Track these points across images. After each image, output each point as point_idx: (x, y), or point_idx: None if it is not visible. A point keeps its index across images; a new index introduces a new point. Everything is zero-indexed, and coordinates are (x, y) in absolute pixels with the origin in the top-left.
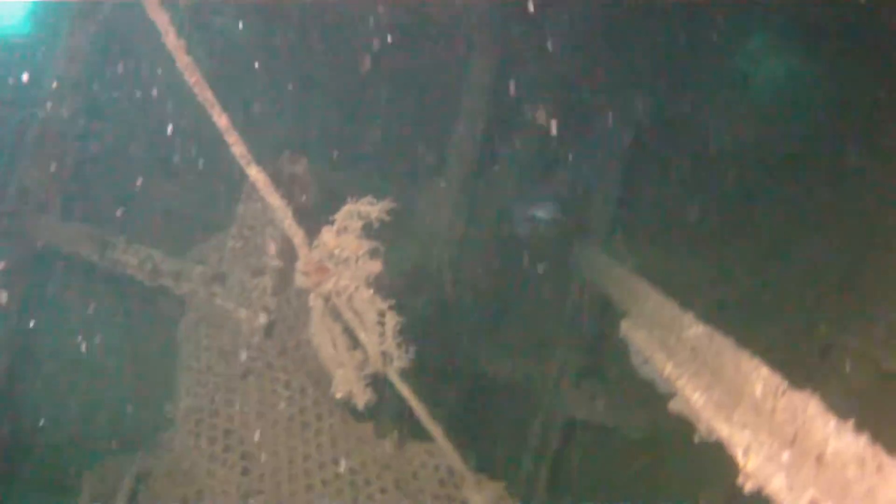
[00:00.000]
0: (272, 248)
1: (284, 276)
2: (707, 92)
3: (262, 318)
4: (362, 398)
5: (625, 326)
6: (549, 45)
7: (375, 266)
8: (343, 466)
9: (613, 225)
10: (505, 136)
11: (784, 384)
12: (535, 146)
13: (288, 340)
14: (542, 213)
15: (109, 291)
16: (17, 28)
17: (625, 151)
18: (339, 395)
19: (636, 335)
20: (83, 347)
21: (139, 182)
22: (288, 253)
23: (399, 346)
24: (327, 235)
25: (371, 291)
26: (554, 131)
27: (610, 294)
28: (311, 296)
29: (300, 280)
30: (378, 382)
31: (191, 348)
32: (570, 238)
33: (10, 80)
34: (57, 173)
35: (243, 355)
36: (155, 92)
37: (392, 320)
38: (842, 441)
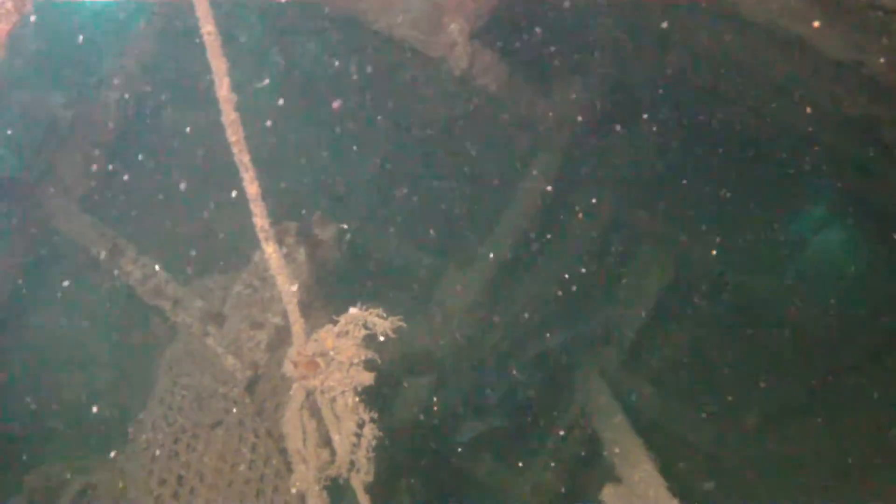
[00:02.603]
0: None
1: (282, 338)
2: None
3: (248, 372)
4: (315, 500)
5: (606, 493)
6: (610, 171)
7: (367, 377)
8: None
9: (627, 364)
10: (549, 242)
11: None
12: (573, 262)
13: (268, 402)
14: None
15: (108, 293)
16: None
17: (658, 297)
18: (293, 490)
19: None
20: (67, 340)
21: (169, 194)
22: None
23: (369, 460)
24: (326, 334)
25: (356, 399)
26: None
27: (604, 437)
28: (294, 385)
29: (288, 368)
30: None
31: (168, 381)
32: (582, 363)
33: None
34: (89, 161)
35: (219, 404)
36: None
37: (371, 433)
38: None
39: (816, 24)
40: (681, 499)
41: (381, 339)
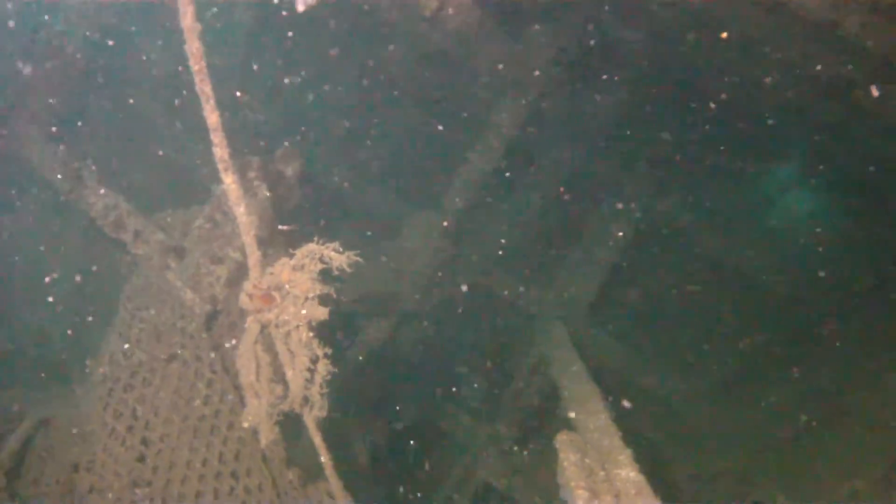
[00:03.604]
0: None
1: (242, 274)
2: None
3: (207, 307)
4: (267, 435)
5: (560, 440)
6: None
7: (322, 312)
8: (240, 483)
9: (591, 312)
10: (512, 184)
11: None
12: (537, 204)
13: (225, 339)
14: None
15: (73, 222)
16: None
17: (623, 244)
18: (245, 425)
19: (568, 455)
20: (29, 270)
21: (135, 129)
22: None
23: (322, 396)
24: (282, 267)
25: (311, 335)
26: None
27: (561, 385)
28: (249, 318)
29: (243, 300)
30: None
31: (127, 315)
32: (545, 308)
33: None
34: (55, 90)
35: (176, 338)
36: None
37: (324, 369)
38: None
39: None
40: (634, 449)
41: (336, 273)
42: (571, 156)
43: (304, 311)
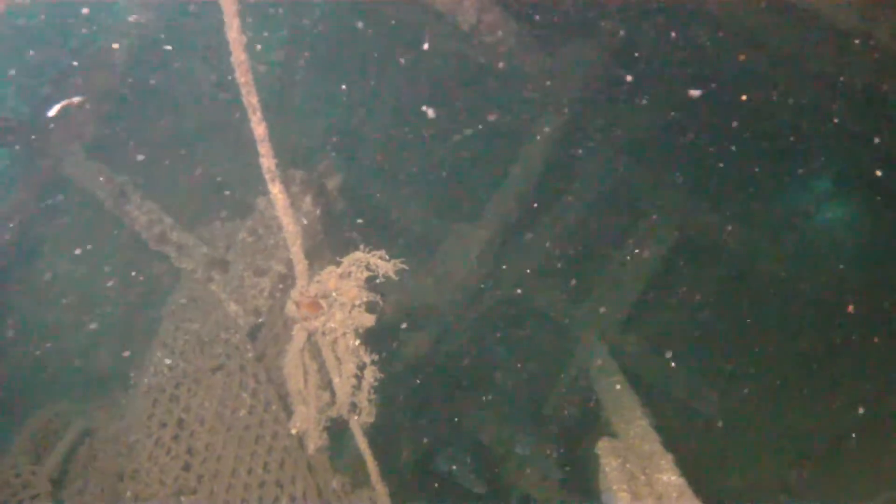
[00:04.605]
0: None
1: (285, 286)
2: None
3: (251, 319)
4: (315, 441)
5: (601, 446)
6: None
7: (369, 319)
8: (284, 492)
9: (630, 326)
10: (553, 204)
11: None
12: (576, 217)
13: (269, 349)
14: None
15: (115, 237)
16: None
17: (662, 254)
18: (293, 431)
19: (609, 460)
20: (73, 285)
21: (178, 142)
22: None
23: (370, 402)
24: (329, 275)
25: (357, 342)
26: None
27: (601, 398)
28: (296, 326)
29: (290, 308)
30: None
31: (171, 326)
32: (584, 324)
33: None
34: (98, 106)
35: (220, 349)
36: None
37: (371, 375)
38: None
39: None
40: (675, 456)
41: (381, 280)
42: (610, 169)
43: (350, 319)
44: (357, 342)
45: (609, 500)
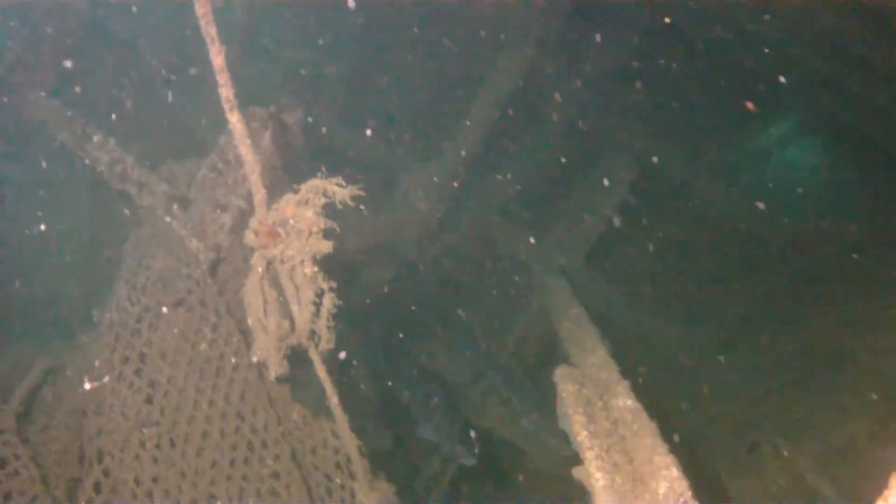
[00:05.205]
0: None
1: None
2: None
3: (212, 254)
4: (275, 368)
5: (559, 373)
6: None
7: (326, 246)
8: (245, 422)
9: (591, 263)
10: (513, 138)
11: (688, 494)
12: (538, 155)
13: (230, 284)
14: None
15: (80, 178)
16: None
17: (622, 192)
18: (254, 359)
19: (567, 387)
20: (36, 224)
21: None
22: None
23: (329, 329)
24: (286, 202)
25: (315, 269)
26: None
27: (561, 330)
28: (255, 255)
29: (248, 237)
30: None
31: (133, 263)
32: (543, 257)
33: None
34: (58, 50)
35: (181, 284)
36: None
37: (330, 302)
38: None
39: None
40: (632, 387)
41: (339, 207)
42: (571, 106)
43: (308, 246)
44: (315, 269)
45: (567, 426)
